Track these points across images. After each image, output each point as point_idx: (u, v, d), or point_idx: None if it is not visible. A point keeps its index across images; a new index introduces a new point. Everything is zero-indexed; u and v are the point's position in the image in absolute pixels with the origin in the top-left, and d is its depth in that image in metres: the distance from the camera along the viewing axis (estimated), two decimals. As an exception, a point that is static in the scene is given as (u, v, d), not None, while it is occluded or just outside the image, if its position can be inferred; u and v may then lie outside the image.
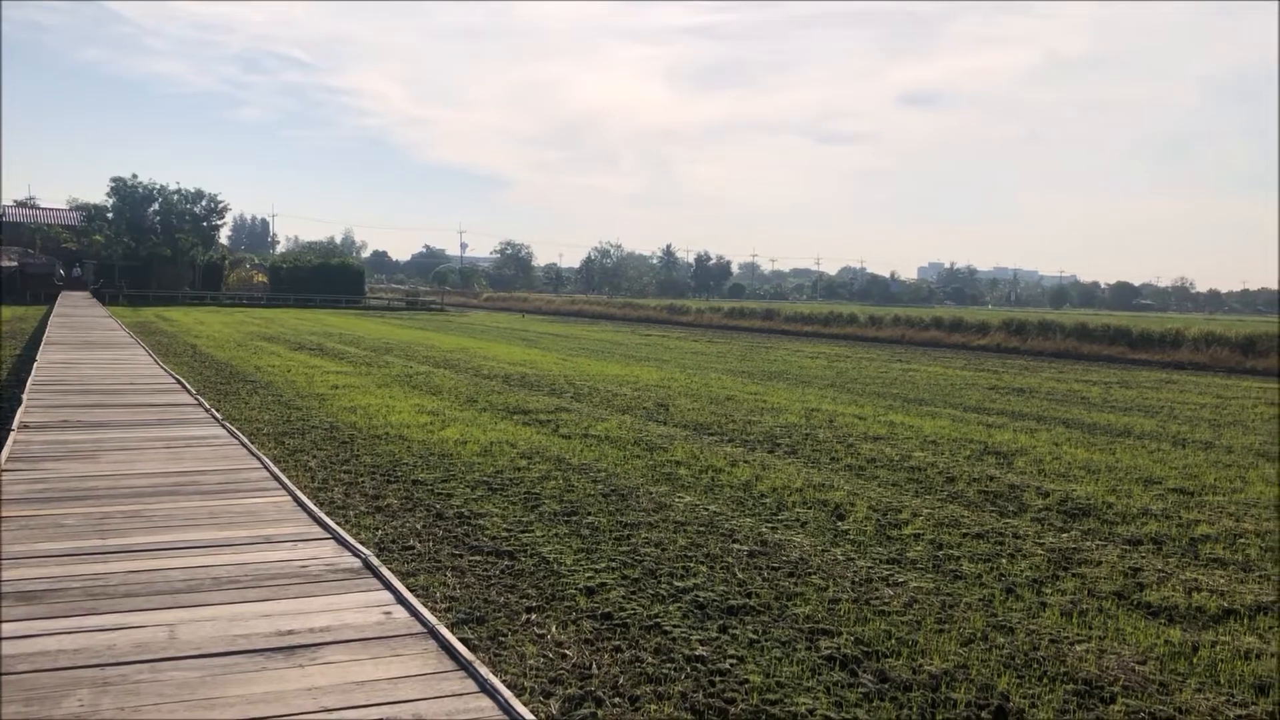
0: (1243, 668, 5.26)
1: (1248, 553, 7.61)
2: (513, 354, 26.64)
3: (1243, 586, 6.71)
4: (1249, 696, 4.89)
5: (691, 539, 7.45)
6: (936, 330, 42.26)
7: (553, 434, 12.28)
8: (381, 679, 4.03)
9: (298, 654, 4.27)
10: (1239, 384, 24.71)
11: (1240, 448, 13.05)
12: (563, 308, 75.37)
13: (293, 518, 6.78)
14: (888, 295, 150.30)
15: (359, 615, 4.79)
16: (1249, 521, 8.61)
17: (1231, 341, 31.48)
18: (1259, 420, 16.49)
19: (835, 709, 4.59)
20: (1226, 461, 11.83)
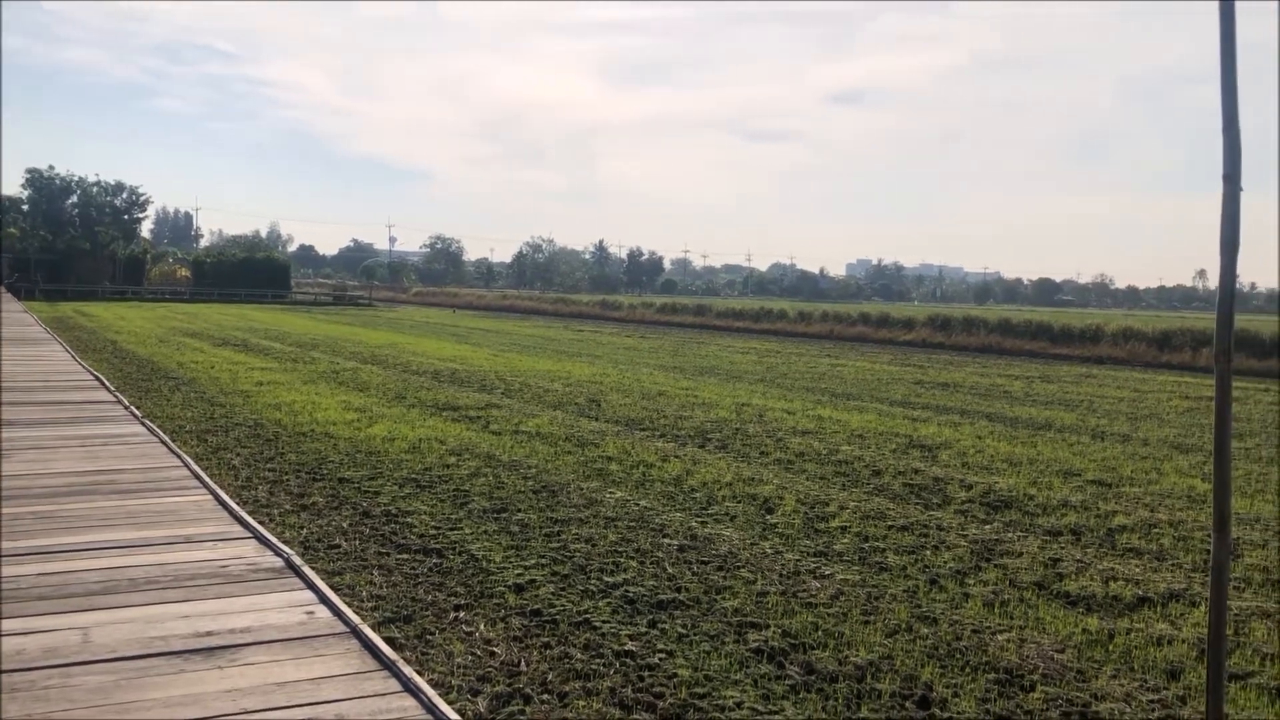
0: (1156, 654, 5.40)
1: (1162, 542, 7.82)
2: (443, 350, 26.41)
3: (1156, 575, 6.90)
4: (1161, 681, 5.02)
5: (622, 534, 7.45)
6: (864, 326, 42.81)
7: (483, 430, 12.20)
8: (303, 679, 3.96)
9: (217, 655, 4.18)
10: (1155, 378, 25.41)
11: (1156, 440, 13.42)
12: (494, 303, 74.96)
13: (213, 517, 6.65)
14: (817, 291, 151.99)
15: (281, 615, 4.71)
16: (1163, 512, 8.85)
17: (1148, 337, 32.36)
18: (1174, 413, 16.97)
19: (763, 701, 4.62)
20: (1143, 454, 12.15)
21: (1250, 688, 4.99)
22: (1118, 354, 31.67)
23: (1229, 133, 2.38)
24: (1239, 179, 2.36)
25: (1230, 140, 2.38)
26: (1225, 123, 2.36)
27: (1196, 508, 9.06)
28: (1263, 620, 5.97)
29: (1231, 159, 2.36)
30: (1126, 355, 31.38)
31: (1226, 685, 5.00)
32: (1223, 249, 2.35)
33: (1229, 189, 2.33)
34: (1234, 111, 2.38)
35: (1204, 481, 10.35)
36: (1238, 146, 2.39)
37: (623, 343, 32.99)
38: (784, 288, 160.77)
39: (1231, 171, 2.35)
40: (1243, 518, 8.74)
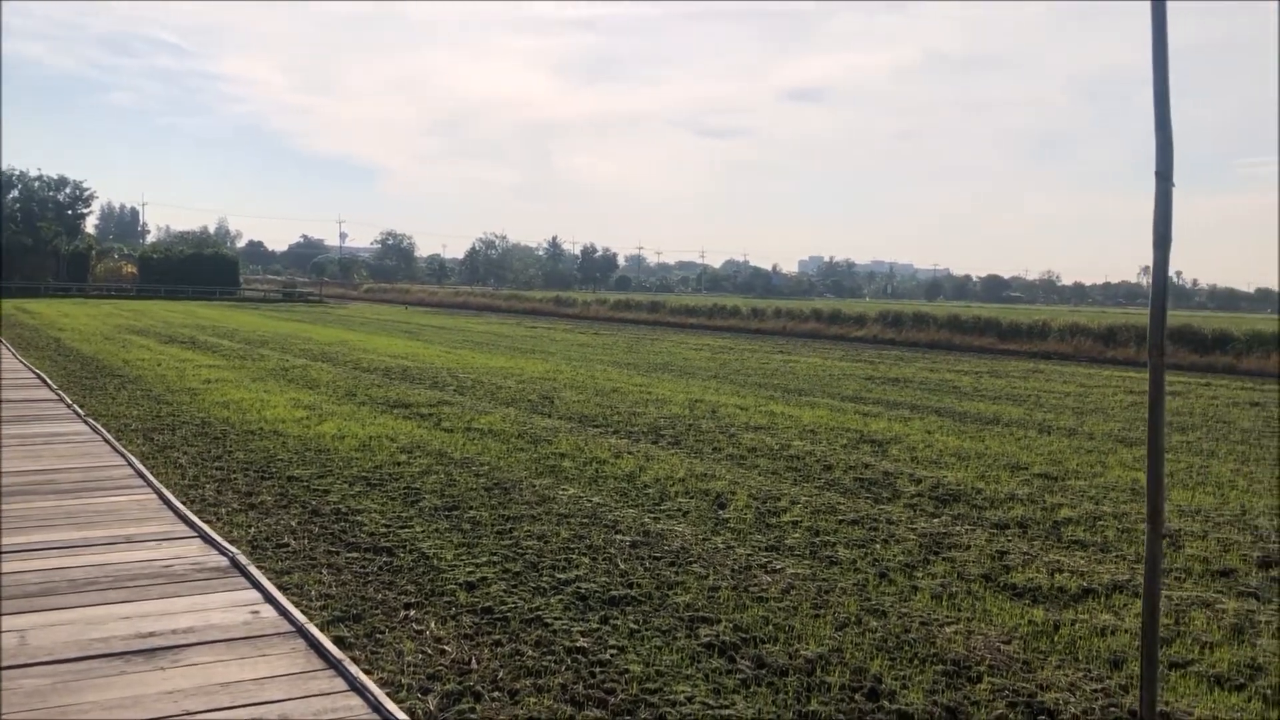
0: (1099, 644, 5.48)
1: (1106, 534, 7.95)
2: (394, 347, 26.20)
3: (1101, 567, 7.01)
4: (1105, 671, 5.10)
5: (574, 531, 7.43)
6: (816, 322, 43.11)
7: (434, 428, 12.12)
8: (247, 679, 3.91)
9: (158, 656, 4.11)
10: (1100, 373, 25.82)
11: (1101, 434, 13.64)
12: (446, 299, 74.50)
13: (157, 516, 6.54)
14: (770, 288, 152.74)
15: (225, 615, 4.64)
16: (1108, 504, 9.00)
17: (1094, 332, 32.88)
18: (1119, 407, 17.26)
19: (713, 696, 4.63)
20: (1088, 447, 12.35)
21: (1190, 676, 5.08)
22: (1064, 349, 32.14)
23: (1161, 132, 2.42)
24: (1171, 176, 2.40)
25: (1162, 140, 2.43)
26: (1158, 123, 2.40)
27: (1140, 500, 9.22)
28: (1202, 610, 6.09)
29: (1164, 157, 2.40)
30: (1072, 350, 31.86)
31: (1167, 674, 5.10)
32: (1155, 245, 2.39)
33: (1161, 186, 2.37)
34: (1166, 112, 2.42)
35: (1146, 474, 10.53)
36: (1169, 145, 2.43)
37: (576, 339, 32.94)
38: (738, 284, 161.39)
39: (1164, 169, 2.39)
40: (1184, 509, 8.91)
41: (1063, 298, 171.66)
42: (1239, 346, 28.86)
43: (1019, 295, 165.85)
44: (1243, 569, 7.05)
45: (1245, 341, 28.94)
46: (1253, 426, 15.15)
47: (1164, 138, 2.43)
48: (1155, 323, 2.44)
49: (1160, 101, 2.41)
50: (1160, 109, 2.41)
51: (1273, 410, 17.54)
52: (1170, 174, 2.39)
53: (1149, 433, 2.52)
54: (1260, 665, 5.23)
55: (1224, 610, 6.08)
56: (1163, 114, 2.41)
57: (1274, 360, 27.15)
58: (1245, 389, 22.01)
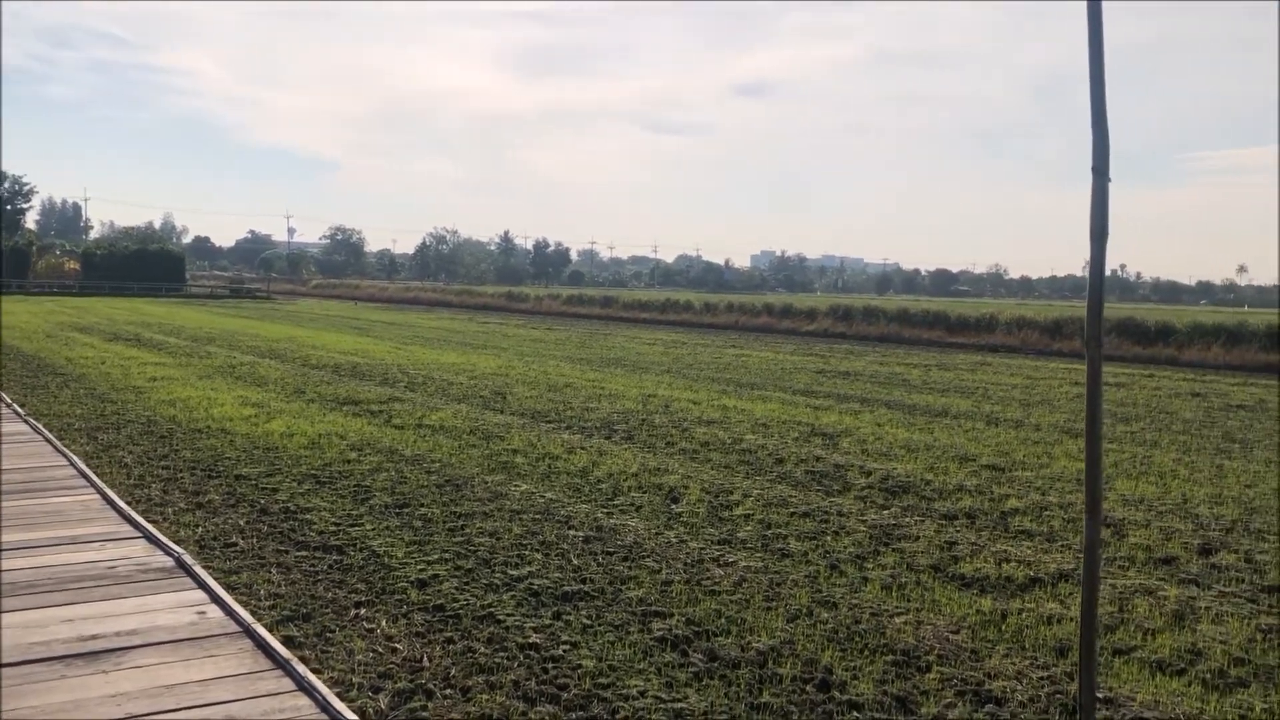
0: (1046, 632, 5.57)
1: (1052, 524, 8.08)
2: (343, 343, 25.95)
3: (1047, 556, 7.12)
4: (1051, 659, 5.19)
5: (527, 527, 7.41)
6: (768, 316, 43.32)
7: (385, 425, 12.02)
8: (192, 681, 3.85)
9: (102, 659, 4.04)
10: (1047, 365, 26.21)
11: (1047, 425, 13.85)
12: (397, 295, 73.89)
13: (101, 517, 6.43)
14: (722, 283, 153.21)
15: (170, 616, 4.57)
16: (1054, 495, 9.14)
17: (1041, 325, 33.36)
18: (1064, 399, 17.53)
19: (666, 690, 4.64)
20: (1035, 439, 12.53)
21: (1133, 662, 5.18)
22: (1011, 342, 32.58)
23: (1098, 129, 2.46)
24: (1107, 172, 2.44)
25: (1099, 136, 2.47)
26: (1094, 119, 2.44)
27: (1103, 492, 9.37)
28: (1145, 597, 6.21)
29: (1100, 154, 2.45)
30: (1020, 343, 32.30)
31: (1111, 660, 5.19)
32: (1093, 238, 2.43)
33: (1098, 182, 2.41)
34: (1102, 109, 2.46)
35: (1092, 464, 10.71)
36: (1106, 141, 2.48)
37: (529, 335, 32.84)
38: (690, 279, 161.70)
39: (1100, 165, 2.43)
40: (1128, 499, 9.07)
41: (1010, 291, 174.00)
42: (1181, 338, 29.43)
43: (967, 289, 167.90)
44: (1184, 556, 7.19)
45: (1187, 333, 29.52)
46: (1194, 417, 15.46)
47: (1100, 134, 2.47)
48: (1092, 315, 2.48)
49: (1097, 99, 2.45)
50: (1097, 106, 2.45)
51: (1213, 401, 17.91)
52: (1107, 170, 2.43)
53: (1087, 423, 2.57)
54: (1200, 650, 5.34)
55: (1166, 597, 6.20)
56: (1099, 111, 2.45)
57: (1214, 352, 27.72)
58: (1187, 380, 22.46)
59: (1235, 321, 30.76)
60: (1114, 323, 31.33)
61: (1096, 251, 2.41)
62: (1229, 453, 11.93)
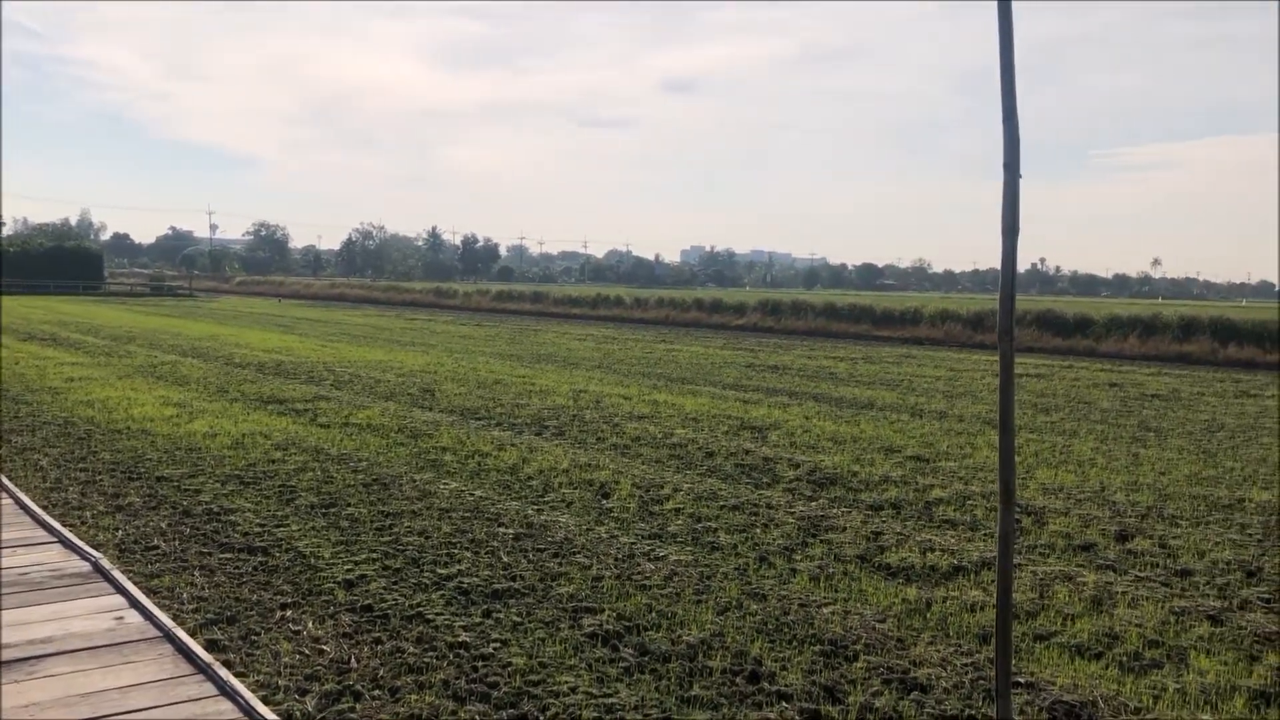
0: (969, 620, 5.68)
1: (975, 513, 8.24)
2: (268, 341, 25.51)
3: (970, 545, 7.26)
4: (974, 646, 5.29)
5: (456, 525, 7.36)
6: (698, 311, 43.49)
7: (310, 423, 11.85)
8: (111, 689, 3.76)
9: (14, 669, 3.92)
10: (970, 357, 26.70)
11: (970, 416, 14.12)
12: (322, 292, 72.80)
13: (15, 522, 6.25)
14: (653, 278, 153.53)
15: (87, 623, 4.46)
16: (976, 484, 9.33)
17: (963, 318, 33.98)
18: (986, 390, 17.88)
19: (597, 685, 4.65)
20: (958, 429, 12.77)
21: (1053, 647, 5.31)
22: (935, 335, 33.12)
23: (1008, 125, 2.51)
24: (1018, 167, 2.50)
25: (1009, 131, 2.52)
26: (1005, 115, 2.50)
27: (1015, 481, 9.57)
28: (1065, 583, 6.36)
29: (1011, 149, 2.50)
30: (943, 336, 32.86)
31: (1032, 645, 5.31)
32: (1004, 233, 2.48)
33: (1008, 177, 2.46)
34: (1013, 105, 2.51)
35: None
36: (1016, 137, 2.53)
37: (458, 331, 32.58)
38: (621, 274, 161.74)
39: (1010, 161, 2.48)
40: (1048, 487, 9.29)
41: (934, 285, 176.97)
42: (1098, 330, 30.17)
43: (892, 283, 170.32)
44: (1102, 543, 7.39)
45: (1104, 325, 30.28)
46: (1111, 406, 15.87)
47: (1011, 130, 2.52)
48: (1004, 309, 2.54)
49: (1007, 96, 2.50)
50: (1007, 103, 2.51)
51: (1129, 391, 18.41)
52: (1017, 165, 2.49)
53: (1000, 414, 2.63)
54: (1117, 634, 5.49)
55: (1084, 583, 6.36)
56: (1010, 108, 2.50)
57: (1130, 343, 28.48)
58: (1104, 370, 23.04)
59: (1150, 313, 31.64)
60: (1034, 315, 32.03)
61: (1008, 246, 2.46)
62: (1144, 441, 12.27)
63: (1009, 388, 2.59)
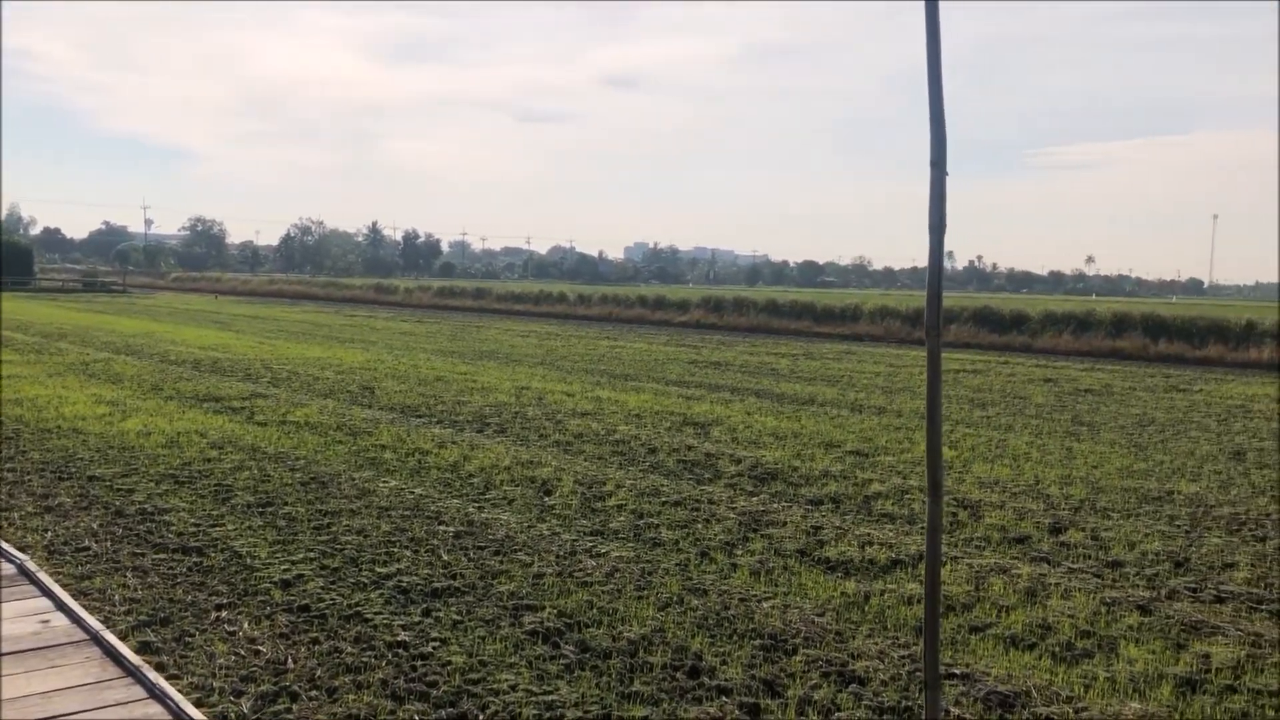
0: (906, 612, 5.76)
1: (913, 507, 8.35)
2: (204, 338, 25.09)
3: (908, 538, 7.35)
4: (911, 638, 5.36)
5: (396, 524, 7.30)
6: (642, 308, 43.53)
7: (247, 421, 11.67)
8: (35, 693, 3.68)
9: (-64, 675, 3.82)
10: (909, 353, 27.03)
11: (909, 411, 14.29)
12: (260, 288, 71.72)
13: (-63, 524, 6.07)
14: (596, 274, 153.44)
15: (11, 626, 4.35)
16: (915, 478, 9.44)
17: (903, 315, 34.37)
18: (924, 386, 18.09)
19: (537, 682, 4.63)
20: (896, 425, 12.93)
21: (988, 638, 5.39)
22: (875, 331, 33.47)
23: (935, 123, 2.55)
24: (944, 165, 2.53)
25: (936, 130, 2.56)
26: (932, 114, 2.53)
27: (944, 474, 9.71)
28: (1000, 575, 6.47)
29: (938, 147, 2.54)
30: (883, 332, 33.21)
31: (968, 637, 5.40)
32: (931, 230, 2.52)
33: (935, 174, 2.50)
34: (939, 104, 2.55)
35: (951, 449, 11.11)
36: (943, 136, 2.57)
37: (398, 327, 32.29)
38: (564, 270, 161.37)
39: (937, 158, 2.52)
40: (984, 481, 9.44)
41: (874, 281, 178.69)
42: (1034, 326, 30.71)
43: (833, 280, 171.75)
44: (1036, 535, 7.53)
45: (1039, 322, 30.82)
46: (1045, 401, 16.17)
47: (938, 129, 2.56)
48: (932, 305, 2.57)
49: (934, 95, 2.54)
50: (935, 102, 2.54)
51: (1064, 386, 18.76)
52: (944, 163, 2.52)
53: (928, 408, 2.66)
54: (1050, 625, 5.60)
55: (1019, 575, 6.48)
56: (936, 106, 2.54)
57: (1064, 339, 29.03)
58: (1039, 366, 23.46)
59: (1084, 310, 32.27)
60: (971, 312, 32.52)
61: (935, 244, 2.49)
62: (1078, 435, 12.52)
63: (936, 382, 2.62)
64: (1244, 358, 25.39)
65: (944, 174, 2.50)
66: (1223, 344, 26.50)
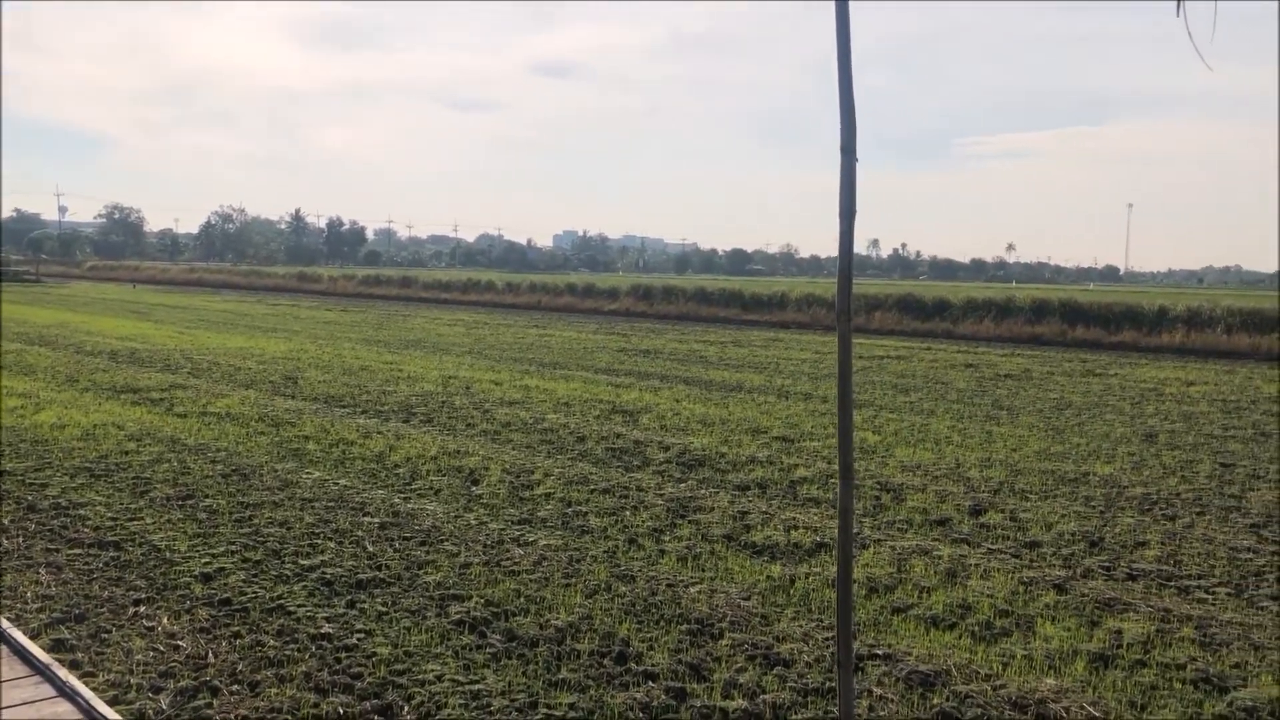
0: (830, 595, 5.85)
1: (836, 490, 8.45)
2: (121, 328, 24.46)
3: (832, 522, 7.46)
4: (834, 620, 5.44)
5: (319, 515, 7.21)
6: (571, 296, 43.42)
7: (166, 413, 11.42)
8: (-58, 695, 3.57)
9: None
10: (835, 340, 27.32)
11: (834, 397, 14.42)
12: (180, 277, 70.12)
13: None
14: (525, 262, 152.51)
15: (-83, 627, 4.22)
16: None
17: (829, 302, 34.74)
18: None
19: (463, 672, 4.62)
20: (822, 410, 13.09)
21: (910, 619, 5.50)
22: (801, 319, 33.81)
23: (845, 109, 2.58)
24: (854, 151, 2.57)
25: (846, 116, 2.59)
26: (841, 100, 2.56)
27: (868, 458, 9.87)
28: (921, 557, 6.60)
29: (848, 133, 2.57)
30: (809, 320, 33.56)
31: (890, 618, 5.50)
32: (841, 216, 2.55)
33: (846, 160, 2.53)
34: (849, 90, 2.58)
35: (875, 434, 11.28)
36: (853, 122, 2.60)
37: (322, 316, 31.81)
38: (492, 259, 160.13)
39: (847, 145, 2.55)
40: (906, 465, 9.60)
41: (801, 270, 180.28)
42: (956, 313, 31.26)
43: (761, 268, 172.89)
44: (956, 517, 7.68)
45: (961, 308, 31.38)
46: (967, 386, 16.49)
47: (847, 115, 2.59)
48: (842, 290, 2.61)
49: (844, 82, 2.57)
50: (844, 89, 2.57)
51: (984, 371, 19.15)
52: (854, 149, 2.56)
53: (839, 394, 2.70)
54: (970, 605, 5.73)
55: (940, 556, 6.61)
56: (846, 94, 2.57)
57: (985, 325, 29.61)
58: (961, 352, 23.90)
59: (1004, 297, 32.91)
60: (895, 299, 32.99)
61: (845, 229, 2.53)
62: (997, 419, 12.79)
63: (847, 366, 2.66)
64: (1157, 342, 26.14)
65: (854, 160, 2.54)
66: (1137, 329, 27.24)
